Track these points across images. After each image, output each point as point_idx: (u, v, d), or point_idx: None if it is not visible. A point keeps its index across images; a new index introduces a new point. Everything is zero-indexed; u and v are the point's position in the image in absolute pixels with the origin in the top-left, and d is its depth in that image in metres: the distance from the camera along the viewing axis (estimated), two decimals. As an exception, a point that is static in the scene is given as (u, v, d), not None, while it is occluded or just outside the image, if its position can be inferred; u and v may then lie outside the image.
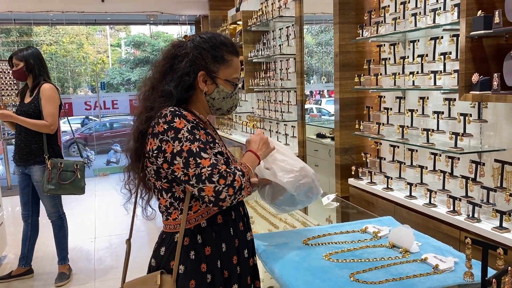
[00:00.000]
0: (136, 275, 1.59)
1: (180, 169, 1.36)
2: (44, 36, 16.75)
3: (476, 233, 2.37)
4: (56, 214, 3.64)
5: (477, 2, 2.30)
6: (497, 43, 2.35)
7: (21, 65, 3.45)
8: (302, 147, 4.66)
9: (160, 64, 1.52)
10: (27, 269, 3.77)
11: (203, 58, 1.47)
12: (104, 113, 10.27)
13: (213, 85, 1.50)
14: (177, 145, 1.36)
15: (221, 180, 1.34)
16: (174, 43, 1.54)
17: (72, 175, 3.50)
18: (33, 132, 3.41)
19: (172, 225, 1.49)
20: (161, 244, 1.52)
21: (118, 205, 5.41)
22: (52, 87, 3.48)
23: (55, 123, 3.43)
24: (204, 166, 1.34)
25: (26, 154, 3.44)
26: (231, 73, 1.52)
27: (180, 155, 1.36)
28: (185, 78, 1.46)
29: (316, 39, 6.35)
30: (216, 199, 1.34)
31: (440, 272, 1.44)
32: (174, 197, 1.47)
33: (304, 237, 1.80)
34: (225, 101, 1.54)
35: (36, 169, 3.46)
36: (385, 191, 3.14)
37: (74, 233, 4.98)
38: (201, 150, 1.37)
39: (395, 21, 3.07)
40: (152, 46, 18.62)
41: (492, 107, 2.54)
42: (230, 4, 7.12)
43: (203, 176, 1.34)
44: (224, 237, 1.50)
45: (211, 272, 1.46)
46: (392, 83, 3.15)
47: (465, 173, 2.62)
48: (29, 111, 3.41)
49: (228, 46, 1.51)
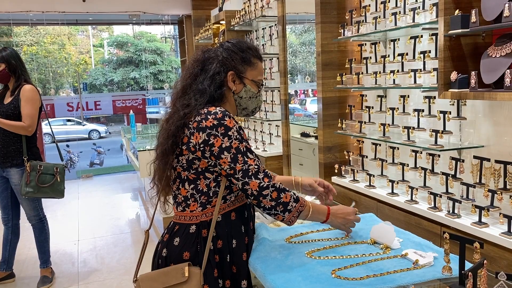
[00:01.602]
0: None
1: (227, 163, 1.49)
2: (24, 36, 16.48)
3: (456, 228, 2.41)
4: (37, 217, 3.58)
5: (455, 1, 2.34)
6: (474, 41, 2.39)
7: (3, 66, 3.38)
8: (286, 146, 4.68)
9: (190, 68, 1.65)
10: (9, 273, 3.72)
11: (232, 59, 1.62)
12: (86, 114, 10.16)
13: (241, 85, 1.64)
14: (226, 141, 1.49)
15: (266, 178, 1.49)
16: (203, 49, 1.69)
17: (51, 178, 3.45)
18: (11, 134, 3.35)
19: (188, 217, 1.57)
20: (174, 234, 1.58)
21: (102, 207, 5.40)
22: (33, 88, 3.43)
23: (33, 125, 3.37)
24: (250, 164, 1.49)
25: (4, 156, 3.38)
26: (257, 75, 1.68)
27: (228, 150, 1.49)
28: (216, 77, 1.59)
29: (300, 38, 6.38)
30: (258, 193, 1.47)
31: (420, 267, 1.47)
32: (197, 189, 1.56)
33: (287, 235, 1.81)
34: (251, 101, 1.68)
35: (14, 172, 3.41)
36: (367, 189, 3.17)
37: (57, 235, 4.94)
38: (247, 150, 1.52)
39: (376, 20, 3.10)
40: (135, 46, 18.48)
41: (471, 104, 2.59)
42: (213, 4, 7.10)
43: (250, 172, 1.48)
44: (236, 234, 1.61)
45: (222, 264, 1.58)
46: (373, 81, 3.18)
47: (446, 170, 2.67)
48: (8, 111, 3.35)
49: (253, 51, 1.67)
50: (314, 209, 1.60)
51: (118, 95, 11.78)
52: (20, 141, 3.38)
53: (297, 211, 1.52)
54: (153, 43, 18.52)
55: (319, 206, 1.65)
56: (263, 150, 4.89)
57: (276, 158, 4.77)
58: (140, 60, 18.06)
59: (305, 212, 1.56)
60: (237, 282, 1.60)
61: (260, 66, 1.69)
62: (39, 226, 3.61)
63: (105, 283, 3.69)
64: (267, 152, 4.84)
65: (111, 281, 3.72)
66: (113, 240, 4.79)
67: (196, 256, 1.53)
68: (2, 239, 3.68)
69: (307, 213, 1.57)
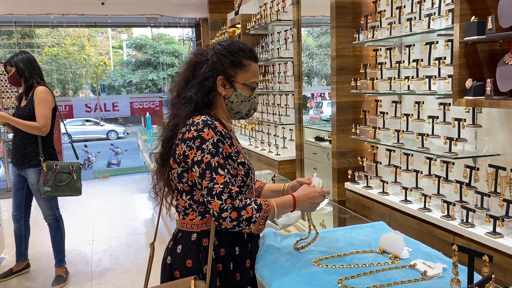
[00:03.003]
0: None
1: (195, 177, 1.47)
2: (45, 38, 16.81)
3: (469, 238, 2.37)
4: (53, 216, 3.67)
5: (471, 7, 2.30)
6: (491, 48, 2.35)
7: (13, 70, 3.55)
8: (299, 150, 4.67)
9: (183, 72, 1.61)
10: (26, 263, 3.94)
11: (221, 63, 1.55)
12: (104, 115, 10.30)
13: (231, 89, 1.58)
14: (199, 155, 1.45)
15: (228, 199, 1.43)
16: (196, 52, 1.64)
17: (68, 177, 3.54)
18: (28, 135, 3.46)
19: (189, 225, 1.57)
20: (177, 242, 1.58)
21: (117, 207, 5.46)
22: (46, 89, 3.53)
23: (47, 125, 3.47)
24: (217, 182, 1.43)
25: (22, 158, 3.50)
26: (249, 78, 1.60)
27: (198, 165, 1.45)
28: (205, 83, 1.54)
29: (317, 41, 6.35)
30: (218, 215, 1.43)
31: (428, 278, 1.44)
32: (193, 199, 1.55)
33: (295, 242, 1.81)
34: (243, 105, 1.62)
35: (31, 172, 3.51)
36: (380, 195, 3.14)
37: (72, 235, 5.01)
38: (219, 166, 1.45)
39: (391, 25, 3.07)
40: (153, 48, 18.67)
41: (487, 112, 2.54)
42: (229, 7, 7.14)
43: (214, 191, 1.43)
44: (238, 241, 1.59)
45: (225, 272, 1.56)
46: (388, 87, 3.15)
47: (460, 178, 2.63)
48: (23, 114, 3.46)
49: (246, 52, 1.59)
50: (279, 206, 1.54)
51: (136, 96, 11.89)
52: (36, 142, 3.47)
53: (262, 218, 1.47)
54: (171, 45, 18.70)
55: (283, 200, 1.57)
56: (277, 154, 4.88)
57: (289, 162, 4.76)
58: (158, 62, 18.25)
59: (271, 214, 1.51)
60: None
61: (254, 68, 1.61)
62: (55, 226, 3.70)
63: (118, 284, 3.73)
64: (281, 156, 4.83)
65: (124, 282, 3.76)
66: (127, 241, 4.84)
67: (199, 264, 1.53)
68: (15, 236, 3.81)
69: (273, 213, 1.51)
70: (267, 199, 1.53)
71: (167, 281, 1.59)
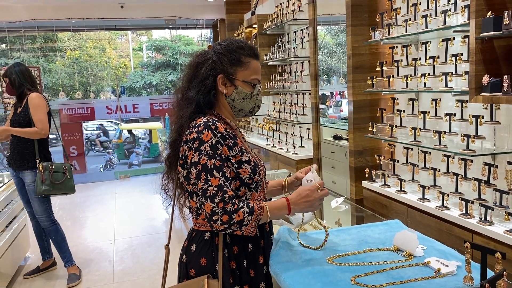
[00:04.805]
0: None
1: (193, 179, 1.50)
2: (68, 41, 17.15)
3: (488, 236, 2.34)
4: (48, 219, 3.78)
5: (487, 3, 2.27)
6: (508, 44, 2.32)
7: (7, 80, 3.74)
8: (317, 149, 4.66)
9: (186, 73, 1.64)
10: (52, 260, 4.06)
11: (221, 61, 1.57)
12: (125, 116, 10.47)
13: (232, 87, 1.59)
14: (196, 156, 1.47)
15: (221, 203, 1.44)
16: (197, 53, 1.65)
17: (63, 176, 3.71)
18: (24, 139, 3.63)
19: (202, 224, 1.58)
20: (191, 241, 1.61)
21: (138, 207, 5.57)
22: (39, 95, 3.70)
23: (45, 128, 3.63)
24: (211, 184, 1.45)
25: (20, 160, 3.66)
26: (250, 75, 1.60)
27: (195, 166, 1.48)
28: (206, 82, 1.57)
29: (336, 39, 6.33)
30: (209, 217, 1.45)
31: (442, 276, 1.44)
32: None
33: (309, 240, 1.82)
34: (245, 102, 1.62)
35: (28, 173, 3.67)
36: (398, 194, 3.13)
37: (95, 235, 5.12)
38: (214, 168, 1.46)
39: (407, 23, 3.05)
40: (172, 50, 18.84)
41: (505, 108, 2.51)
42: (246, 8, 7.17)
43: (207, 193, 1.45)
44: (251, 238, 1.59)
45: (239, 270, 1.58)
46: (404, 85, 3.13)
47: (478, 176, 2.60)
48: (19, 120, 3.63)
49: (245, 49, 1.59)
50: (273, 210, 1.53)
51: (155, 98, 12.04)
52: (33, 145, 3.65)
53: (254, 221, 1.48)
54: (190, 46, 18.84)
55: (277, 203, 1.56)
56: (294, 153, 4.89)
57: (307, 161, 4.76)
58: (177, 63, 18.41)
59: (264, 217, 1.51)
60: (256, 285, 1.62)
61: (254, 65, 1.60)
62: (53, 229, 3.81)
63: (138, 282, 3.80)
64: (298, 155, 4.84)
65: (144, 280, 3.83)
66: (147, 240, 4.92)
67: (213, 263, 1.56)
68: (35, 233, 3.95)
69: (266, 217, 1.52)
70: (260, 202, 1.53)
71: (183, 279, 1.62)
